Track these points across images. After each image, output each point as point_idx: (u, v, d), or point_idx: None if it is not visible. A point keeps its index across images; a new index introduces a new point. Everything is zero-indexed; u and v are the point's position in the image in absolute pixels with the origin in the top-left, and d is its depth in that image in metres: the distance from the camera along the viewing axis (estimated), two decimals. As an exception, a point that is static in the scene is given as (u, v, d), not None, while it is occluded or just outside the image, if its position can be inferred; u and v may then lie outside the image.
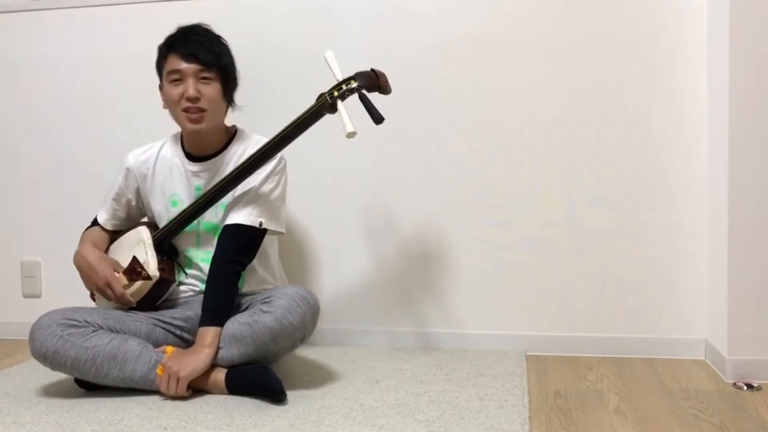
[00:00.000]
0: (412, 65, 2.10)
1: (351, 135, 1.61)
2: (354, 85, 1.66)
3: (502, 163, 2.07)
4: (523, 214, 2.07)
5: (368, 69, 1.70)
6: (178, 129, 1.86)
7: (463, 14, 2.06)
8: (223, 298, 1.71)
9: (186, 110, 1.76)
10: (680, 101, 1.97)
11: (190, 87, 1.74)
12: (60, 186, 2.35)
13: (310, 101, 1.71)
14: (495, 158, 2.07)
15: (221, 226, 1.78)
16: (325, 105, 1.67)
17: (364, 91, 1.67)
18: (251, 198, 1.76)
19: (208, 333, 1.66)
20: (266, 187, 1.78)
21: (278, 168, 1.80)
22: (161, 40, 1.81)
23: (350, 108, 1.65)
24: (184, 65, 1.75)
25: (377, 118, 1.63)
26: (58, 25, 2.32)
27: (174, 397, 1.63)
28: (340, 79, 1.68)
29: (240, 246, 1.75)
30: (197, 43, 1.76)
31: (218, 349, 1.66)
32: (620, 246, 2.01)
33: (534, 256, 2.06)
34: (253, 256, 1.78)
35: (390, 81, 1.72)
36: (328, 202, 2.17)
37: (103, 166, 2.27)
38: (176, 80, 1.76)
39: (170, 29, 1.82)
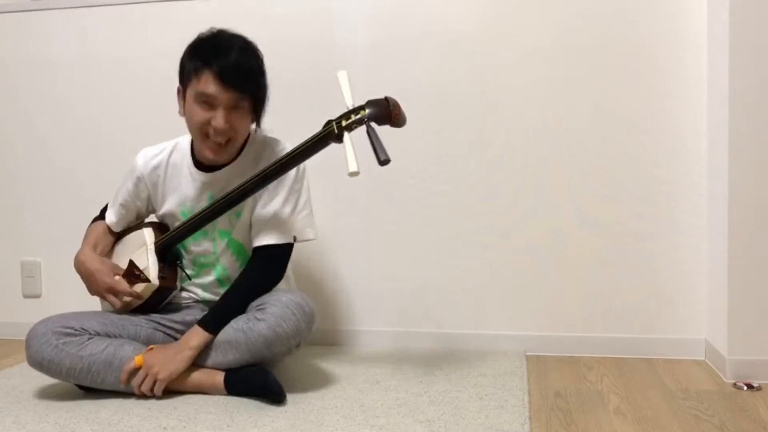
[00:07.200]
0: (413, 65, 2.10)
1: (353, 174, 1.49)
2: (363, 115, 1.54)
3: (504, 164, 2.07)
4: (523, 214, 2.06)
5: (382, 97, 1.58)
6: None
7: (464, 14, 2.06)
8: (230, 314, 1.67)
9: (208, 136, 1.64)
10: (681, 101, 1.97)
11: (221, 118, 1.60)
12: (60, 186, 2.35)
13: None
14: (496, 159, 2.07)
15: (236, 237, 1.76)
16: (332, 134, 1.57)
17: (372, 124, 1.55)
18: (278, 219, 1.71)
19: (198, 336, 1.64)
20: (291, 201, 1.73)
21: (298, 176, 1.74)
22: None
23: (359, 135, 1.57)
24: (220, 93, 1.59)
25: (382, 161, 1.49)
26: (58, 25, 2.32)
27: (147, 397, 1.62)
28: (350, 106, 1.57)
29: (273, 269, 1.73)
30: (237, 67, 1.58)
31: (211, 352, 1.65)
32: (620, 246, 2.01)
33: (534, 256, 2.06)
34: (283, 274, 1.76)
35: (402, 105, 1.59)
36: (327, 202, 2.17)
37: (103, 167, 2.28)
38: (205, 103, 1.61)
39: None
